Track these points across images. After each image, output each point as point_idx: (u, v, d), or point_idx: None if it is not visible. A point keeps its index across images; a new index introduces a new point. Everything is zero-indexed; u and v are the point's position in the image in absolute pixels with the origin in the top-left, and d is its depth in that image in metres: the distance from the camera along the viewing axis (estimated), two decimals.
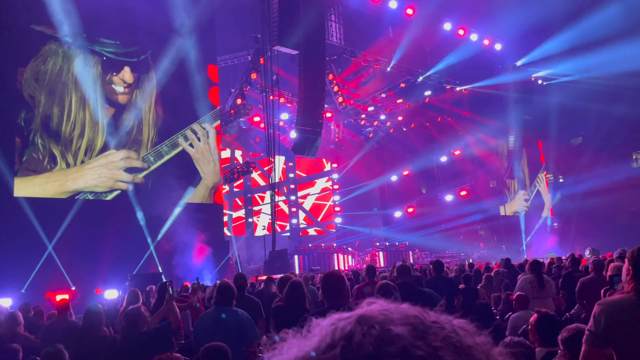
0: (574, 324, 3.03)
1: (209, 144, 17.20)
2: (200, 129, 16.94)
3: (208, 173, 17.00)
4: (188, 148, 16.60)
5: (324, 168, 29.68)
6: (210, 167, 17.12)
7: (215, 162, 17.35)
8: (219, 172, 17.60)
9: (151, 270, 14.55)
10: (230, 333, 3.96)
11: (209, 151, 17.16)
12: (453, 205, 27.39)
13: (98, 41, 15.02)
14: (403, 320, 0.63)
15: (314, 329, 0.68)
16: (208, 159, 17.06)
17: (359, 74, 23.17)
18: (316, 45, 16.88)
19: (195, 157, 16.77)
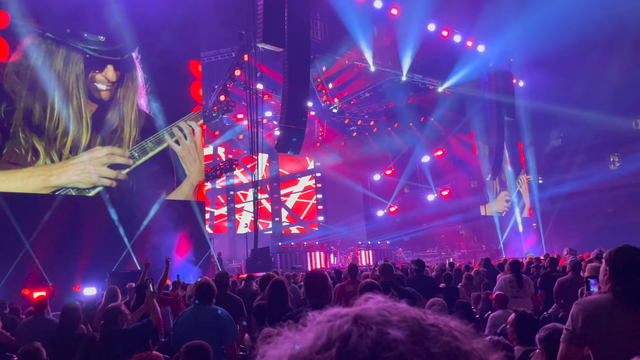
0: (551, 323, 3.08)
1: (195, 142, 17.06)
2: (187, 127, 16.78)
3: (193, 171, 16.87)
4: (174, 145, 16.41)
5: (308, 166, 29.68)
6: (195, 166, 16.99)
7: (201, 160, 17.24)
8: (204, 170, 17.50)
9: (131, 267, 14.37)
10: (210, 331, 3.93)
11: (195, 149, 17.01)
12: (435, 205, 27.63)
13: (81, 37, 14.76)
14: (401, 322, 0.62)
15: (310, 322, 0.67)
16: (194, 157, 16.92)
17: (343, 72, 23.19)
18: (301, 44, 16.84)
19: (181, 154, 16.60)
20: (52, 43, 14.17)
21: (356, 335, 0.60)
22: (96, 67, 15.04)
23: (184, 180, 16.66)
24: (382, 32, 22.14)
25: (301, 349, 0.62)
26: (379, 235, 26.66)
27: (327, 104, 24.50)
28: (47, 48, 14.10)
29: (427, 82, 24.01)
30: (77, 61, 14.59)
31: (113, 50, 15.35)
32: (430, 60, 23.40)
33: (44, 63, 13.98)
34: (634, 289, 2.26)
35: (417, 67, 23.11)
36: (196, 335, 3.50)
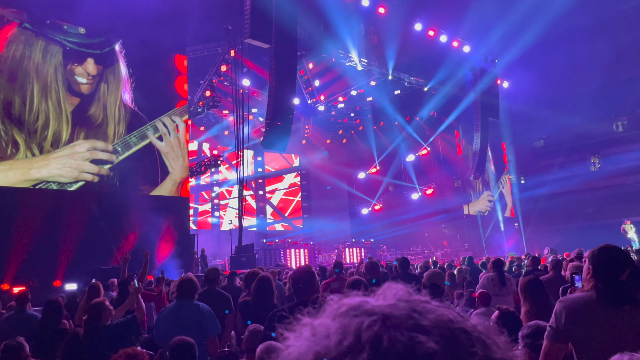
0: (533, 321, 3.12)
1: (179, 138, 16.82)
2: (171, 123, 16.56)
3: (177, 168, 16.68)
4: (156, 142, 16.16)
5: (293, 163, 29.65)
6: (179, 162, 16.76)
7: (185, 157, 17.00)
8: (187, 167, 17.31)
9: (113, 263, 14.20)
10: (191, 327, 3.94)
11: (179, 146, 16.77)
12: (419, 204, 27.83)
13: (61, 29, 14.47)
14: (433, 327, 0.57)
15: (331, 311, 0.62)
16: (177, 153, 16.70)
17: (330, 70, 23.20)
18: (288, 40, 16.78)
19: (164, 151, 16.36)
20: (31, 34, 13.90)
21: (387, 342, 0.55)
22: (75, 60, 14.72)
23: (167, 176, 16.49)
24: (369, 31, 22.18)
25: (326, 347, 0.57)
26: (364, 233, 26.77)
27: (313, 102, 24.49)
28: (26, 39, 13.83)
29: (413, 81, 24.14)
30: (55, 53, 14.27)
31: (93, 43, 15.07)
32: (417, 60, 23.53)
33: (22, 54, 13.72)
34: (616, 287, 2.31)
35: (403, 66, 23.22)
36: (178, 330, 3.49)
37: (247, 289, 5.10)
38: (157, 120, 16.27)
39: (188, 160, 17.32)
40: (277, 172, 28.82)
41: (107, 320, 3.90)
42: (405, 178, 29.03)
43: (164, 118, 16.40)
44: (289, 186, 29.29)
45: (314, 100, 24.40)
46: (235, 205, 22.51)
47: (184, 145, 17.00)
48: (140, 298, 4.29)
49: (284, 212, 28.73)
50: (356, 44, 20.89)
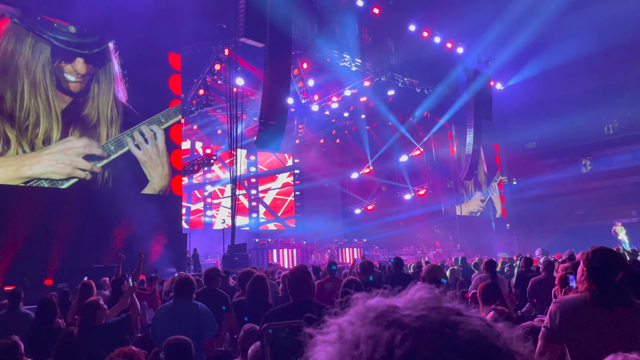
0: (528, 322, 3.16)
1: (158, 146, 16.46)
2: (148, 131, 16.24)
3: (156, 177, 16.37)
4: (134, 150, 15.89)
5: (286, 163, 29.64)
6: (157, 171, 16.42)
7: (164, 165, 16.60)
8: (168, 175, 16.78)
9: (104, 262, 14.12)
10: (189, 327, 3.90)
11: (157, 154, 16.43)
12: (411, 204, 27.91)
13: (51, 26, 14.33)
14: (467, 347, 0.55)
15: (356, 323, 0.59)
16: (156, 162, 16.38)
17: (324, 70, 23.20)
18: (282, 40, 16.76)
19: (142, 160, 16.08)
20: (21, 29, 13.80)
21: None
22: (64, 59, 14.60)
23: (147, 184, 16.28)
24: (364, 31, 22.21)
25: (357, 358, 0.55)
26: (356, 233, 26.82)
27: (307, 101, 24.49)
28: (16, 34, 13.73)
29: (407, 82, 24.21)
30: (44, 50, 14.14)
31: (83, 43, 14.93)
32: (410, 61, 23.59)
33: (14, 49, 13.62)
34: (610, 289, 2.34)
35: (397, 66, 23.28)
36: (176, 330, 3.47)
37: (241, 288, 5.08)
38: (134, 128, 16.00)
39: (169, 167, 16.81)
40: (270, 171, 28.79)
41: (102, 319, 3.88)
42: (398, 178, 29.11)
43: (141, 126, 16.09)
44: (282, 186, 29.27)
45: (308, 99, 24.40)
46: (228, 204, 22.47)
47: (163, 153, 16.61)
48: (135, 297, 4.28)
49: (276, 212, 28.71)
50: (350, 44, 20.92)
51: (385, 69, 22.69)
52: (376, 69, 22.45)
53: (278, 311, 3.10)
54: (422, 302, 0.62)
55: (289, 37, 17.22)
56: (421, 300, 0.62)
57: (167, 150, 16.78)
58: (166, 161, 16.74)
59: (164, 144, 16.72)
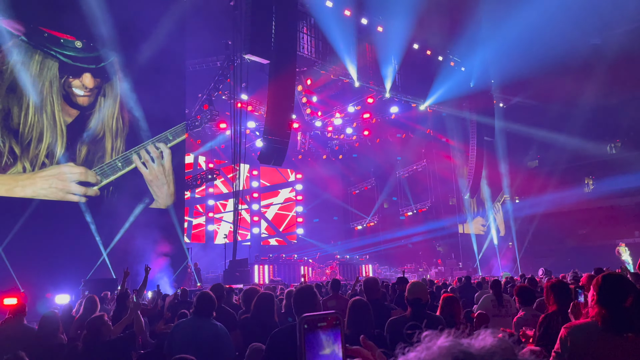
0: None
1: (164, 165, 16.53)
2: (154, 150, 16.35)
3: (161, 196, 16.42)
4: (141, 168, 16.02)
5: (289, 178, 29.66)
6: (163, 190, 16.47)
7: (170, 185, 16.66)
8: (173, 194, 16.84)
9: (106, 275, 14.09)
10: (206, 347, 3.81)
11: (163, 173, 16.52)
12: (413, 221, 27.83)
13: (58, 42, 14.48)
14: None
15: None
16: (162, 181, 16.44)
17: (328, 87, 23.36)
18: (287, 56, 16.92)
19: (148, 178, 16.18)
20: (28, 46, 13.95)
21: None
22: (72, 74, 14.73)
23: (153, 202, 16.29)
24: (367, 49, 22.41)
25: None
26: (358, 249, 26.71)
27: (310, 117, 24.60)
28: (24, 51, 13.88)
29: (410, 99, 24.34)
30: (51, 67, 14.30)
31: (90, 57, 15.08)
32: (414, 78, 23.76)
33: (22, 65, 13.77)
34: (620, 314, 2.32)
35: (401, 84, 23.43)
36: (191, 348, 3.41)
37: (246, 306, 5.04)
38: (141, 146, 16.07)
39: (173, 185, 16.84)
40: (273, 186, 28.80)
41: (107, 335, 3.86)
42: (400, 195, 29.08)
43: (147, 145, 16.16)
44: (284, 201, 29.25)
45: (312, 115, 24.51)
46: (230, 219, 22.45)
47: (169, 172, 16.67)
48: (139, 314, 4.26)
49: (278, 227, 28.65)
50: (354, 61, 21.08)
51: (388, 86, 22.83)
52: (379, 86, 22.59)
53: (284, 331, 3.08)
54: (497, 353, 0.61)
55: (294, 53, 17.38)
56: (494, 348, 0.61)
57: (173, 169, 16.82)
58: (172, 180, 16.76)
59: (170, 162, 16.77)
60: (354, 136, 27.76)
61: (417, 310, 3.64)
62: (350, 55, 21.03)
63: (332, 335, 1.07)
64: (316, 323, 1.06)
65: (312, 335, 1.05)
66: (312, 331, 1.05)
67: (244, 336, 4.23)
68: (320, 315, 1.08)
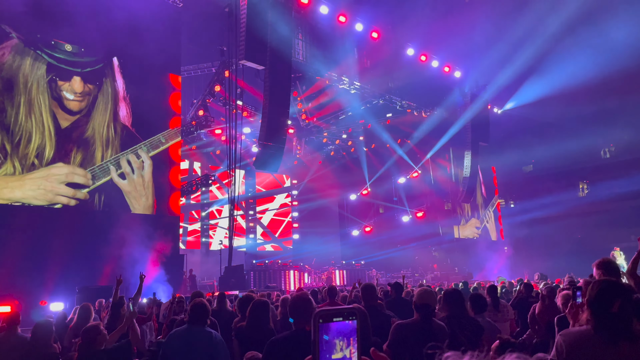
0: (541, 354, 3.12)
1: (144, 177, 15.97)
2: (135, 160, 15.88)
3: (138, 208, 15.91)
4: (118, 180, 15.42)
5: (284, 184, 29.63)
6: (141, 202, 15.92)
7: (149, 197, 16.09)
8: (152, 206, 16.27)
9: (100, 282, 13.98)
10: (200, 355, 3.79)
11: (143, 185, 15.93)
12: (409, 226, 27.84)
13: (49, 44, 14.42)
14: None
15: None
16: (140, 192, 15.88)
17: (323, 92, 23.40)
18: (282, 62, 16.95)
19: (126, 190, 15.57)
20: (22, 46, 13.92)
21: None
22: (61, 77, 14.61)
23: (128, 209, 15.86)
24: (363, 55, 22.48)
25: None
26: (354, 255, 26.67)
27: (306, 123, 24.62)
28: (19, 50, 13.86)
29: (405, 104, 24.40)
30: (40, 67, 14.24)
31: (79, 61, 14.97)
32: (408, 84, 23.83)
33: (18, 65, 13.75)
34: (607, 319, 2.30)
35: (396, 89, 23.50)
36: (188, 357, 3.38)
37: (242, 313, 5.00)
38: (131, 151, 15.76)
39: (153, 197, 16.26)
40: (268, 192, 28.76)
41: (102, 344, 3.82)
42: (396, 200, 29.10)
43: (128, 155, 15.72)
44: (279, 206, 29.21)
45: (307, 121, 24.53)
46: (225, 225, 22.37)
47: (148, 184, 16.10)
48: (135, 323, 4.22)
49: (274, 233, 28.59)
50: (349, 67, 21.14)
51: (384, 92, 22.89)
52: (374, 92, 22.64)
53: (281, 339, 3.06)
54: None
55: (289, 59, 17.41)
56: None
57: (152, 180, 16.30)
58: (151, 192, 16.23)
59: (151, 174, 16.29)
60: (350, 141, 27.79)
61: (425, 317, 3.68)
62: (346, 61, 21.09)
63: (348, 328, 1.07)
64: (331, 317, 1.06)
65: (326, 329, 1.05)
66: (326, 325, 1.05)
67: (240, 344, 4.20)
68: (335, 309, 1.08)
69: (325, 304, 6.54)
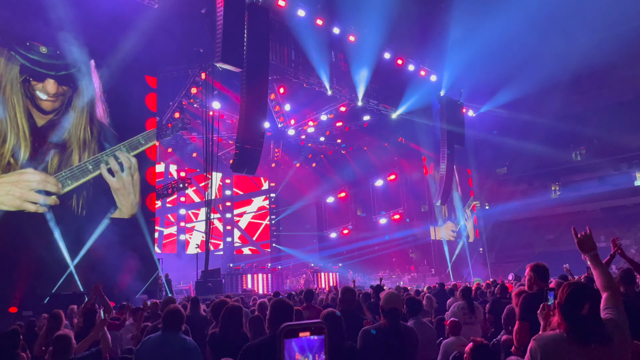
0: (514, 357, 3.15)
1: (132, 175, 16.12)
2: (126, 160, 15.93)
3: (125, 205, 15.93)
4: (108, 176, 15.48)
5: (262, 187, 29.51)
6: (129, 199, 16.00)
7: (135, 194, 16.21)
8: (138, 204, 16.30)
9: (73, 289, 13.67)
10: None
11: (131, 183, 16.07)
12: (386, 228, 28.01)
13: (24, 45, 14.11)
14: None
15: None
16: (129, 190, 16.01)
17: (300, 95, 23.39)
18: (259, 65, 16.87)
19: (114, 187, 15.66)
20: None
21: None
22: (33, 77, 14.34)
23: (116, 210, 15.82)
24: (340, 58, 22.55)
25: None
26: (332, 257, 26.71)
27: (283, 125, 24.57)
28: None
29: (382, 108, 24.56)
30: (14, 69, 13.95)
31: (53, 64, 14.68)
32: (385, 87, 24.01)
33: None
34: (579, 324, 2.34)
35: (373, 92, 23.63)
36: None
37: (216, 319, 4.93)
38: (110, 153, 15.64)
39: (139, 195, 16.36)
40: (246, 195, 28.60)
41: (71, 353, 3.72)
42: (373, 203, 29.25)
43: (119, 153, 15.73)
44: (257, 209, 29.07)
45: (284, 124, 24.49)
46: (202, 228, 22.16)
47: (136, 182, 16.26)
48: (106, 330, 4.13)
49: (251, 236, 28.43)
50: (327, 70, 21.18)
51: (361, 95, 23.00)
52: (352, 95, 22.74)
53: (257, 345, 3.03)
54: None
55: (266, 62, 17.34)
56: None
57: (140, 178, 16.45)
58: (138, 190, 16.33)
59: (137, 172, 16.36)
60: (327, 144, 27.84)
61: (393, 321, 3.64)
62: (323, 64, 21.12)
63: (315, 344, 1.04)
64: (297, 332, 1.03)
65: (291, 344, 1.02)
66: (292, 340, 1.02)
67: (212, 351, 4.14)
68: (302, 324, 1.05)
69: (303, 308, 6.51)
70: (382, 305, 3.73)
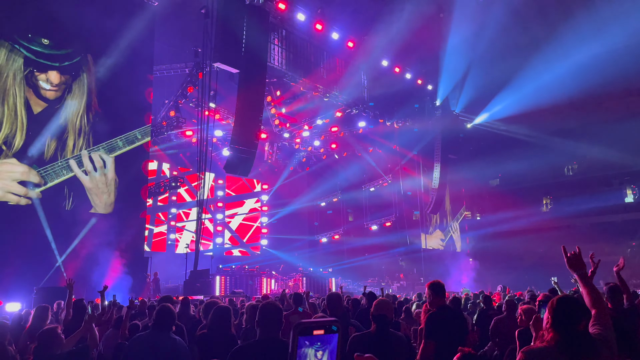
0: None
1: (106, 175, 16.03)
2: (98, 160, 15.87)
3: (100, 204, 15.83)
4: (81, 176, 15.42)
5: (254, 189, 29.46)
6: (102, 199, 15.92)
7: (110, 194, 16.14)
8: (113, 204, 16.21)
9: (61, 283, 13.58)
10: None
11: (105, 183, 16.00)
12: (377, 235, 28.04)
13: (26, 37, 14.14)
14: None
15: None
16: (102, 190, 15.94)
17: (297, 98, 23.44)
18: (257, 67, 16.89)
19: (87, 186, 15.61)
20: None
21: None
22: (36, 68, 14.43)
23: (91, 209, 15.72)
24: (338, 63, 22.64)
25: None
26: (322, 262, 26.69)
27: (279, 128, 24.57)
28: None
29: (378, 115, 24.66)
30: (17, 59, 13.98)
31: (55, 55, 14.77)
32: (382, 94, 24.11)
33: None
34: (574, 338, 2.36)
35: (370, 99, 23.72)
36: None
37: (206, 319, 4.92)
38: (84, 153, 15.58)
39: (114, 195, 16.27)
40: (238, 196, 28.54)
41: (58, 349, 3.70)
42: (365, 209, 29.29)
43: (92, 153, 15.71)
44: (249, 211, 29.00)
45: (280, 127, 24.50)
46: (192, 228, 22.06)
47: (111, 182, 16.16)
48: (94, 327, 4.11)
49: (242, 237, 28.35)
50: (324, 74, 21.26)
51: (357, 101, 23.07)
52: (348, 101, 22.81)
53: (247, 347, 3.03)
54: None
55: (264, 64, 17.36)
56: None
57: (117, 178, 16.34)
58: (113, 190, 16.21)
59: (114, 172, 16.23)
60: (322, 149, 27.88)
61: (382, 328, 3.65)
62: (321, 69, 21.19)
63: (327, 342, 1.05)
64: (311, 330, 1.04)
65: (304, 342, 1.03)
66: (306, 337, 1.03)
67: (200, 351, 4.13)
68: (316, 322, 1.06)
69: (292, 312, 6.51)
70: (372, 311, 3.76)
